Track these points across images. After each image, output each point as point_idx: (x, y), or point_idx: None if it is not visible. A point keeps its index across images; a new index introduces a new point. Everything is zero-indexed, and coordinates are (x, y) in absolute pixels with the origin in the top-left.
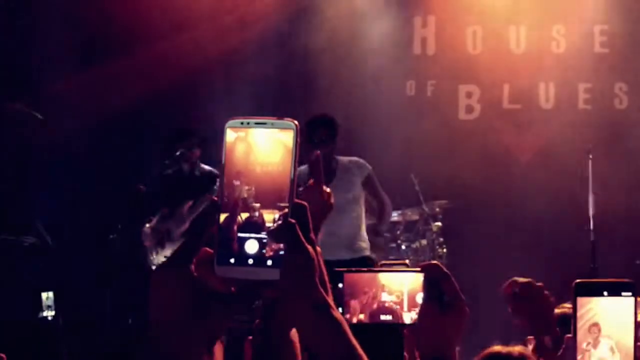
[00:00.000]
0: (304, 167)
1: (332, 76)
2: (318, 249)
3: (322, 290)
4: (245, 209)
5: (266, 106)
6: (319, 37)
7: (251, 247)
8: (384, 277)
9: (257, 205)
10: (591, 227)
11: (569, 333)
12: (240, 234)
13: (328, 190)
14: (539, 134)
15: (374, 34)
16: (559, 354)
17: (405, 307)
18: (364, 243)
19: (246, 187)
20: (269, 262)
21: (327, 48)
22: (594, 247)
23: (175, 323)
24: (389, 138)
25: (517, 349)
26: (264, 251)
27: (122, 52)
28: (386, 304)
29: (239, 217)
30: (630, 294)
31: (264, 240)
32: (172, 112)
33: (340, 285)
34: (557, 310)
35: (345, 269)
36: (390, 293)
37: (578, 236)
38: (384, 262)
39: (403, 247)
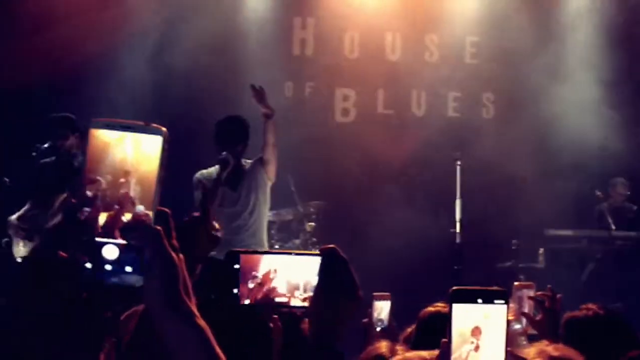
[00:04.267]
0: (212, 168)
1: (211, 76)
2: (181, 256)
3: (185, 297)
4: (129, 209)
5: (145, 106)
6: (198, 36)
7: (110, 252)
8: (282, 260)
9: (141, 207)
10: (457, 230)
11: (438, 329)
12: (98, 239)
13: (217, 225)
14: (411, 139)
15: (253, 33)
16: (439, 356)
17: (301, 290)
18: (265, 240)
19: (131, 187)
20: (128, 269)
21: (205, 47)
22: (460, 249)
23: None
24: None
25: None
26: (125, 257)
27: None
28: (280, 287)
29: (123, 218)
30: (502, 301)
31: (128, 246)
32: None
33: (237, 266)
34: (430, 309)
35: (242, 249)
36: (287, 276)
37: (445, 238)
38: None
39: (276, 246)
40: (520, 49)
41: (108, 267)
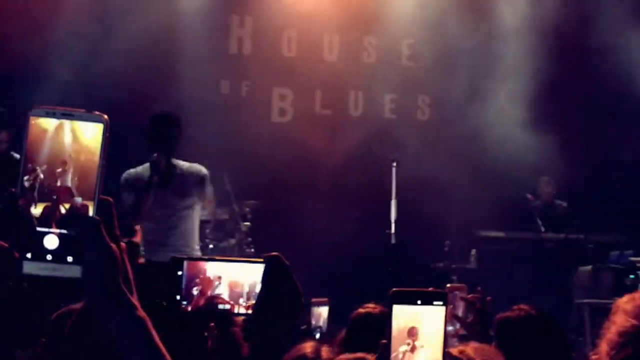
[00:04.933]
0: (141, 168)
1: (146, 73)
2: (123, 245)
3: (125, 289)
4: (67, 199)
5: (77, 105)
6: (133, 33)
7: (50, 242)
8: (226, 267)
9: (79, 199)
10: (392, 230)
11: (369, 330)
12: (39, 229)
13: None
14: (348, 140)
15: (189, 30)
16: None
17: (244, 297)
18: (197, 249)
19: (69, 177)
20: (69, 259)
21: (141, 44)
22: (395, 250)
23: None
24: (201, 136)
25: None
26: (65, 246)
27: None
28: (224, 294)
29: (61, 208)
30: (441, 303)
31: (68, 235)
32: None
33: (180, 272)
34: (361, 310)
35: (186, 256)
36: (230, 282)
37: (380, 239)
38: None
39: (211, 246)
40: (456, 52)
41: (49, 257)
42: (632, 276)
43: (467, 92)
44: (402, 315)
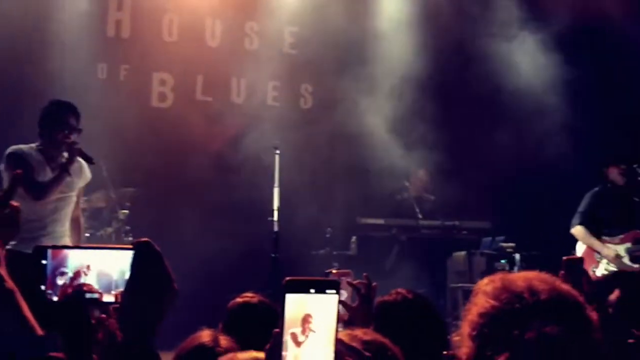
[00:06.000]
0: (26, 147)
1: (18, 55)
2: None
3: None
4: None
5: None
6: (6, 14)
7: None
8: (94, 255)
9: None
10: (274, 218)
11: (247, 319)
12: None
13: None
14: (230, 127)
15: (64, 12)
16: (270, 347)
17: (114, 285)
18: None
19: None
20: None
21: (14, 26)
22: (277, 237)
23: None
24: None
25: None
26: None
27: None
28: (93, 283)
29: None
30: (334, 291)
31: None
32: None
33: (44, 261)
34: (238, 300)
35: (50, 245)
36: (100, 271)
37: (263, 226)
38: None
39: (87, 234)
40: (338, 42)
41: None
42: (502, 261)
43: (348, 82)
44: (295, 304)
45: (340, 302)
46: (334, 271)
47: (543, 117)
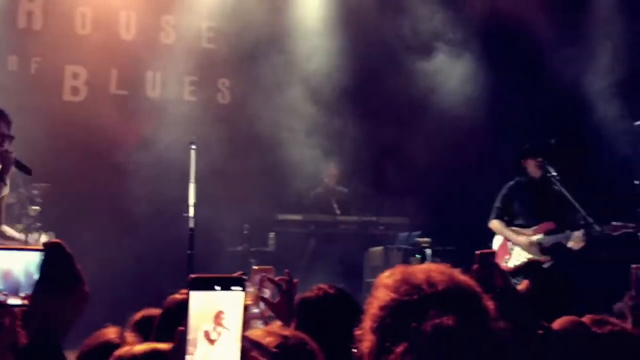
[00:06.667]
0: None
1: None
2: None
3: None
4: None
5: None
6: None
7: None
8: (1, 256)
9: None
10: (190, 214)
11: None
12: None
13: None
14: (145, 121)
15: None
16: (174, 345)
17: (21, 287)
18: None
19: None
20: None
21: None
22: (193, 234)
23: None
24: None
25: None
26: None
27: None
28: None
29: None
30: (240, 288)
31: None
32: None
33: None
34: (177, 296)
35: None
36: (4, 272)
37: (179, 223)
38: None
39: None
40: (257, 37)
41: None
42: (418, 255)
43: (266, 77)
44: (201, 302)
45: (261, 299)
46: (255, 268)
47: (459, 114)
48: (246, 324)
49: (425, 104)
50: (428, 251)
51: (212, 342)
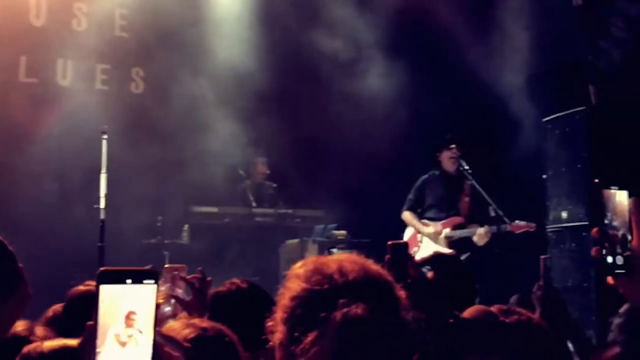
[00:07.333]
0: None
1: None
2: None
3: None
4: None
5: None
6: None
7: None
8: None
9: None
10: (102, 206)
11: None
12: None
13: None
14: (55, 110)
15: None
16: (83, 340)
17: None
18: None
19: None
20: None
21: None
22: (104, 225)
23: None
24: None
25: None
26: None
27: None
28: None
29: None
30: (152, 281)
31: None
32: None
33: None
34: (81, 288)
35: None
36: None
37: (89, 214)
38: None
39: None
40: (171, 26)
41: None
42: (333, 249)
43: (182, 67)
44: (112, 295)
45: (173, 297)
46: (166, 266)
47: (376, 109)
48: (158, 323)
49: (343, 99)
50: (335, 250)
51: (123, 344)
